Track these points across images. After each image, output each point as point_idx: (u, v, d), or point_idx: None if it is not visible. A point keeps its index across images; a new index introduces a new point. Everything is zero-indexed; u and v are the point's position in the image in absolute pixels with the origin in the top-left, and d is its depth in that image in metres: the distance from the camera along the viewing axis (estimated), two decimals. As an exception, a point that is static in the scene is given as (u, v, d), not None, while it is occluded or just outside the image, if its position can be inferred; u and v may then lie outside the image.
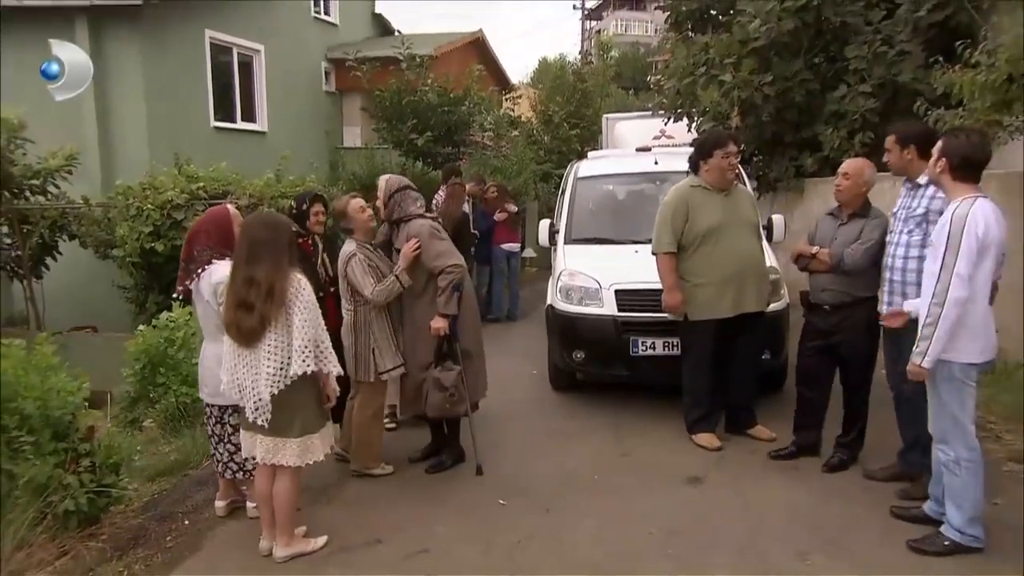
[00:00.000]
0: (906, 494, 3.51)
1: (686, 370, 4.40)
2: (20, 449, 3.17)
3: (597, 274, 5.07)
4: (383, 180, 4.08)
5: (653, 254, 4.33)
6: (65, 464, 3.24)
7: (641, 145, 7.62)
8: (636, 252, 5.01)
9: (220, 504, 3.63)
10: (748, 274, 4.24)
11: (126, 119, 9.34)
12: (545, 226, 6.36)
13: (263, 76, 11.99)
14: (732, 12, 8.98)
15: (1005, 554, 3.00)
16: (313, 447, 3.12)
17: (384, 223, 4.09)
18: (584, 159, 7.14)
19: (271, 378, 2.94)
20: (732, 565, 3.05)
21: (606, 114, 13.98)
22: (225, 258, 3.27)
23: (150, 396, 4.87)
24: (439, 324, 3.83)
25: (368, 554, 3.23)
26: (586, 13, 34.94)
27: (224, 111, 11.14)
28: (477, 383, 4.15)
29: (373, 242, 4.04)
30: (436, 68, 12.48)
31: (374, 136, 12.78)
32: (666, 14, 10.18)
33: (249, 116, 11.83)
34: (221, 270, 3.24)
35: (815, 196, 8.26)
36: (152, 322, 5.09)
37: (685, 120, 9.60)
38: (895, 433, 3.70)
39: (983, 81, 4.46)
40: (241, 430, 3.22)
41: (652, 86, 12.69)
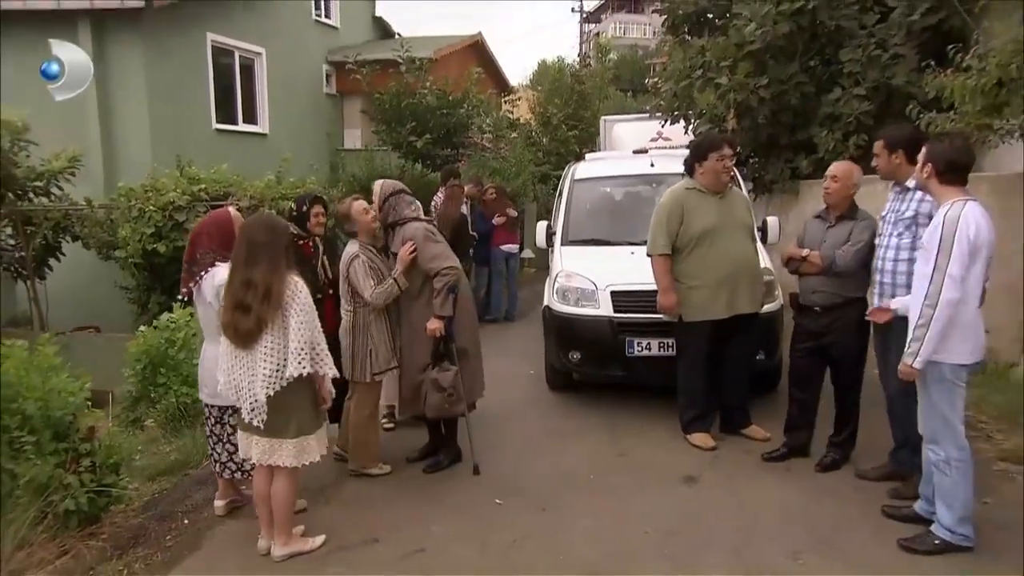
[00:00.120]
0: (897, 493, 3.53)
1: (681, 371, 4.43)
2: (21, 449, 3.19)
3: (593, 275, 5.09)
4: (377, 185, 4.11)
5: (648, 256, 4.36)
6: (66, 464, 3.27)
7: (638, 147, 7.66)
8: (632, 254, 5.04)
9: (219, 503, 3.66)
10: (742, 276, 4.26)
11: (128, 121, 9.36)
12: (542, 228, 6.39)
13: (264, 78, 12.01)
14: (728, 16, 9.05)
15: (995, 553, 3.02)
16: (309, 448, 3.14)
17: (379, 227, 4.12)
18: (581, 161, 7.17)
19: (267, 379, 2.97)
20: (727, 564, 3.07)
21: (604, 116, 14.02)
22: (228, 261, 3.29)
23: (151, 396, 4.90)
24: (435, 325, 3.86)
25: (365, 553, 3.26)
26: (585, 16, 35.00)
27: (225, 113, 11.16)
28: (474, 383, 4.18)
29: (376, 245, 4.05)
30: (435, 71, 12.48)
31: (374, 138, 12.78)
32: (663, 17, 10.22)
33: (250, 118, 11.85)
34: (223, 273, 3.25)
35: (810, 198, 8.29)
36: (153, 323, 5.12)
37: (682, 122, 9.63)
38: (887, 433, 3.72)
39: (973, 85, 4.48)
40: (238, 431, 3.26)
41: (650, 88, 12.71)
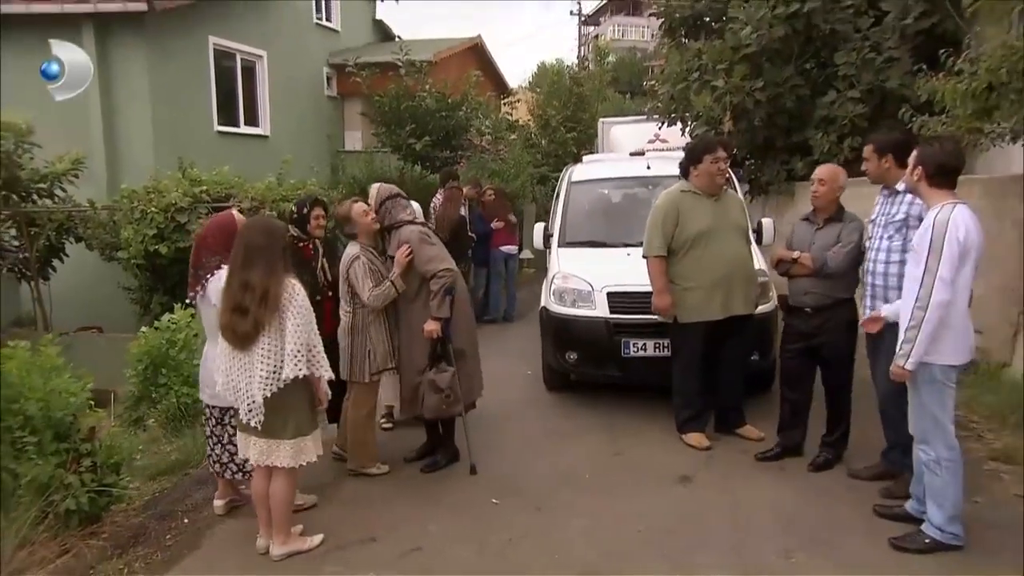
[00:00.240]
0: (889, 493, 3.56)
1: (676, 371, 4.46)
2: (23, 449, 3.23)
3: (590, 277, 5.12)
4: (374, 188, 4.14)
5: (644, 257, 4.39)
6: (67, 464, 3.30)
7: (636, 149, 7.70)
8: (628, 255, 5.07)
9: (219, 503, 3.69)
10: (736, 278, 4.30)
11: (131, 124, 9.41)
12: (539, 230, 6.43)
13: (266, 81, 12.05)
14: (724, 19, 9.07)
15: (985, 552, 3.04)
16: (306, 448, 3.18)
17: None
18: (579, 163, 7.20)
19: (264, 381, 3.00)
20: (721, 564, 3.10)
21: (602, 118, 14.05)
22: None
23: (152, 396, 4.94)
24: (432, 327, 3.89)
25: (363, 552, 3.29)
26: (583, 18, 35.03)
27: (227, 115, 11.21)
28: (472, 383, 4.21)
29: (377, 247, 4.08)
30: (435, 73, 12.53)
31: (374, 140, 12.82)
32: (660, 20, 10.25)
33: (252, 120, 11.90)
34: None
35: (806, 199, 8.25)
36: (155, 323, 5.17)
37: (679, 124, 9.67)
38: (879, 433, 3.75)
39: (964, 89, 4.50)
40: (238, 432, 3.29)
41: (647, 91, 12.75)
